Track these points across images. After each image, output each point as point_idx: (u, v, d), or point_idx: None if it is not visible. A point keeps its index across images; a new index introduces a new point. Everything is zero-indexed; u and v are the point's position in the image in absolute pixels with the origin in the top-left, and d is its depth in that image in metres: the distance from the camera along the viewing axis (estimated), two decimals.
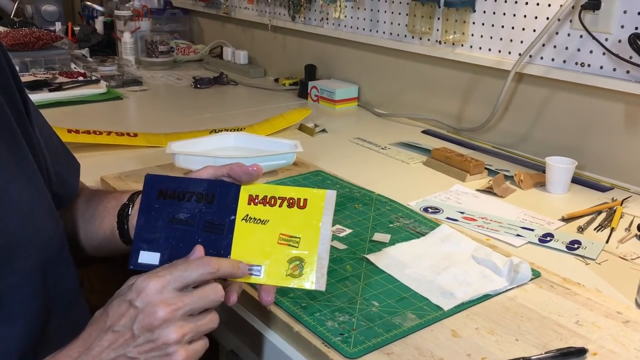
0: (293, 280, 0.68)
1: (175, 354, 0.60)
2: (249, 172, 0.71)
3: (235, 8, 2.31)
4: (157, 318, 0.60)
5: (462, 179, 1.24)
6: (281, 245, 0.69)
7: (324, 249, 0.69)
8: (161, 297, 0.60)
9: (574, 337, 0.73)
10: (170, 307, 0.60)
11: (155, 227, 0.70)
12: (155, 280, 0.61)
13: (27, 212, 0.67)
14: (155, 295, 0.60)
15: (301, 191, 0.71)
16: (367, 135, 1.52)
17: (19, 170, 0.68)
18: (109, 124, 1.49)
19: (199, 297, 0.62)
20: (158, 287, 0.61)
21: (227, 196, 0.71)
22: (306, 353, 0.72)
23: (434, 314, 0.77)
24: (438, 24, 1.56)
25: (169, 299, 0.61)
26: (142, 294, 0.61)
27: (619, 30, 1.21)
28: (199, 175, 0.72)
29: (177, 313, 0.60)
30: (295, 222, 0.70)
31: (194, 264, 0.63)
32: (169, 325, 0.60)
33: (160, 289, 0.61)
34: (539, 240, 1.00)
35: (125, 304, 0.61)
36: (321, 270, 0.68)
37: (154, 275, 0.62)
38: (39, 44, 2.08)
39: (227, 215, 0.70)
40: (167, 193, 0.71)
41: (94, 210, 0.83)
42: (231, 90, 2.02)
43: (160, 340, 0.60)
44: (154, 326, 0.60)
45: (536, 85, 1.40)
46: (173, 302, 0.61)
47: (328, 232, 0.69)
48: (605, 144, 1.29)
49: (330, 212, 0.70)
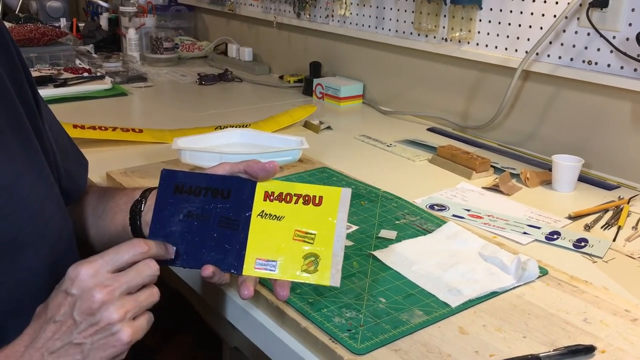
0: (308, 276, 0.69)
1: (120, 332, 0.61)
2: (265, 169, 0.71)
3: (240, 5, 2.30)
4: (96, 301, 0.60)
5: (468, 177, 1.24)
6: (296, 241, 0.69)
7: (339, 245, 0.69)
8: (95, 281, 0.61)
9: (582, 335, 0.73)
10: (107, 289, 0.61)
11: (170, 222, 0.71)
12: (87, 266, 0.62)
13: (37, 207, 0.67)
14: (89, 280, 0.61)
15: (317, 188, 0.71)
16: (372, 132, 1.52)
17: (29, 164, 0.68)
18: (114, 120, 1.49)
19: (134, 275, 0.63)
20: (91, 271, 0.61)
21: (243, 192, 0.71)
22: (313, 349, 0.72)
23: (441, 310, 0.77)
24: (444, 22, 1.56)
25: (103, 281, 0.61)
26: (75, 280, 0.61)
27: (626, 28, 1.21)
28: (214, 171, 0.73)
29: (115, 293, 0.61)
30: (310, 219, 0.70)
31: (124, 246, 0.64)
32: (109, 306, 0.60)
33: (94, 273, 0.61)
34: (545, 238, 0.99)
35: (61, 293, 0.62)
36: (336, 267, 0.69)
37: (85, 261, 0.62)
38: (44, 39, 2.09)
39: (243, 211, 0.71)
40: (183, 188, 0.72)
41: (104, 206, 0.83)
42: (236, 87, 2.02)
43: (103, 321, 0.60)
44: (94, 309, 0.60)
45: (543, 83, 1.39)
46: (109, 283, 0.61)
47: (343, 229, 0.69)
48: (612, 143, 1.29)
49: (345, 209, 0.70)
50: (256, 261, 0.70)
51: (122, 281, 0.62)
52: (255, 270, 0.70)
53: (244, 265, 0.70)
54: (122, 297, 0.62)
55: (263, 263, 0.69)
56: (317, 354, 0.71)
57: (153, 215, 0.71)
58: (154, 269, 0.65)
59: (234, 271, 0.70)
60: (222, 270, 0.70)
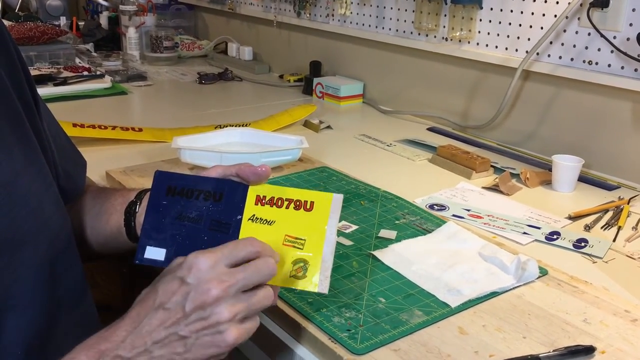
0: (296, 281, 0.68)
1: (226, 332, 0.58)
2: (257, 173, 0.71)
3: (240, 4, 2.30)
4: (210, 295, 0.58)
5: (468, 177, 1.24)
6: (286, 246, 0.69)
7: (328, 251, 0.69)
8: (213, 274, 0.59)
9: (582, 335, 0.73)
10: (223, 284, 0.59)
11: (162, 223, 0.70)
12: (208, 256, 0.60)
13: (36, 204, 0.67)
14: (207, 272, 0.59)
15: (308, 194, 0.71)
16: (372, 132, 1.52)
17: (28, 162, 0.68)
18: (113, 119, 1.49)
19: (252, 272, 0.61)
20: (210, 263, 0.59)
21: (234, 195, 0.71)
22: (313, 349, 0.72)
23: (440, 310, 0.77)
24: (445, 21, 1.56)
25: (221, 275, 0.59)
26: (193, 269, 0.59)
27: (627, 28, 1.21)
28: (208, 174, 0.72)
29: (230, 290, 0.59)
30: (301, 224, 0.69)
31: (242, 243, 0.63)
32: (221, 303, 0.58)
33: (213, 265, 0.59)
34: (545, 238, 0.99)
35: (176, 280, 0.60)
36: (325, 273, 0.68)
37: (206, 251, 0.61)
38: (43, 38, 2.08)
39: (234, 215, 0.70)
40: (175, 190, 0.71)
41: (100, 207, 0.83)
42: (236, 86, 2.02)
43: (213, 318, 0.58)
44: (207, 304, 0.58)
45: (543, 83, 1.39)
46: (226, 278, 0.59)
47: (333, 236, 0.69)
48: (613, 143, 1.29)
49: (336, 215, 0.70)
50: None
51: (238, 278, 0.59)
52: None
53: None
54: (236, 295, 0.59)
55: None
56: (317, 354, 0.71)
57: (145, 216, 0.71)
58: (272, 268, 0.62)
59: None
60: None
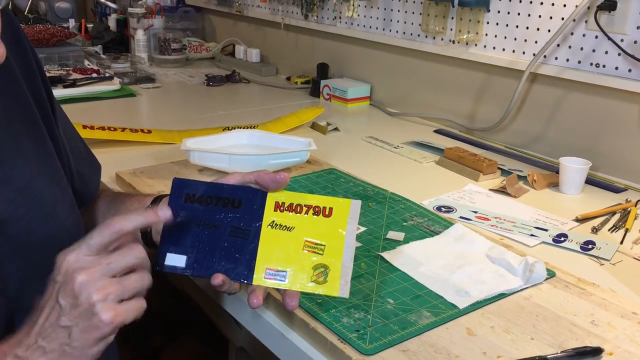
0: (317, 286, 0.69)
1: (100, 312, 0.60)
2: (276, 180, 0.72)
3: (247, 6, 2.31)
4: (76, 282, 0.60)
5: (475, 179, 1.24)
6: (306, 252, 0.70)
7: (348, 257, 0.70)
8: (77, 264, 0.61)
9: (590, 337, 0.73)
10: (87, 270, 0.60)
11: (182, 230, 0.71)
12: (71, 253, 0.62)
13: (49, 209, 0.68)
14: (73, 264, 0.61)
15: (327, 200, 0.72)
16: (379, 134, 1.53)
17: (43, 166, 0.69)
18: (122, 121, 1.50)
19: (116, 256, 0.62)
20: (74, 257, 0.61)
21: (253, 202, 0.72)
22: (322, 349, 0.72)
23: (449, 312, 0.77)
24: (452, 24, 1.56)
25: (84, 264, 0.61)
26: (61, 267, 0.61)
27: (634, 31, 1.21)
28: (226, 180, 0.73)
29: (96, 274, 0.60)
30: (320, 230, 0.71)
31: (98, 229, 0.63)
32: (89, 287, 0.60)
33: (76, 257, 0.61)
34: (553, 240, 0.99)
35: (51, 282, 0.62)
36: (345, 278, 0.69)
37: (70, 249, 0.62)
38: (53, 40, 2.10)
39: (253, 221, 0.71)
40: (194, 197, 0.72)
41: (116, 211, 0.84)
42: (243, 89, 2.03)
43: (84, 302, 0.60)
44: (75, 290, 0.60)
45: (550, 85, 1.40)
46: (88, 264, 0.61)
47: (352, 241, 0.70)
48: (620, 145, 1.29)
49: (354, 221, 0.71)
50: (266, 271, 0.71)
51: (102, 262, 0.61)
52: (265, 280, 0.71)
53: (254, 275, 0.71)
54: (104, 278, 0.61)
55: (273, 273, 0.70)
56: (326, 355, 0.72)
57: (164, 223, 0.72)
58: (137, 251, 0.63)
59: (244, 280, 0.71)
60: (232, 279, 0.71)
